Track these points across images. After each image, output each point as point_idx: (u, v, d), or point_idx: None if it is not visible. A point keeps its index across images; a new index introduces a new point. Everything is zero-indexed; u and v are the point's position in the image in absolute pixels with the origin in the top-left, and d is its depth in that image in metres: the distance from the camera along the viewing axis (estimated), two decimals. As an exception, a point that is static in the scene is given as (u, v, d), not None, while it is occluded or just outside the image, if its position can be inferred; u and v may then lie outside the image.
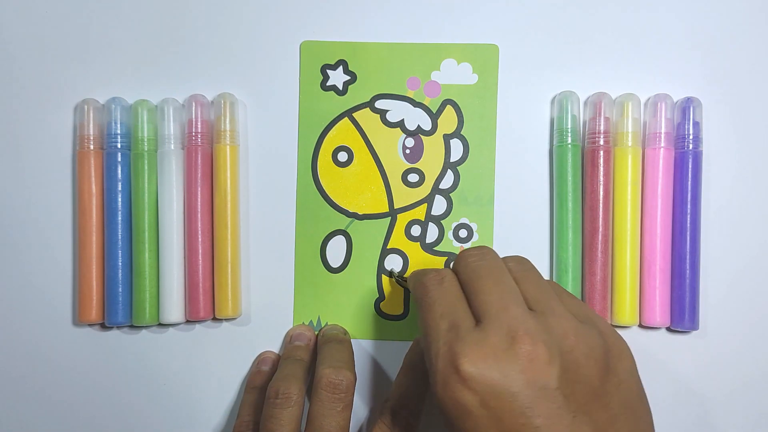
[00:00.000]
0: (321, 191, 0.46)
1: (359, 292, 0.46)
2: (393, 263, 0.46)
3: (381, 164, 0.46)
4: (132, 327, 0.46)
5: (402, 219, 0.46)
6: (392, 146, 0.46)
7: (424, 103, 0.46)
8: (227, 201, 0.44)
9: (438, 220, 0.46)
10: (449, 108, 0.46)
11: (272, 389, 0.40)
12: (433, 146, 0.46)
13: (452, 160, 0.46)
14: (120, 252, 0.44)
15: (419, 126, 0.46)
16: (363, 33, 0.46)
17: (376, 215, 0.46)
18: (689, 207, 0.44)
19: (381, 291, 0.46)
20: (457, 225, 0.46)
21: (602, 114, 0.44)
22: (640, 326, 0.45)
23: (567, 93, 0.45)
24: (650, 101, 0.45)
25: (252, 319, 0.46)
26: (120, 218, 0.44)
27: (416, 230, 0.46)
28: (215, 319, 0.46)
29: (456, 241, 0.46)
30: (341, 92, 0.46)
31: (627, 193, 0.44)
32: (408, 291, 0.46)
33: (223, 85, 0.46)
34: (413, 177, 0.46)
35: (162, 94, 0.46)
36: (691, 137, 0.44)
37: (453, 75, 0.46)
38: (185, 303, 0.45)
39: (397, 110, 0.46)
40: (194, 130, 0.45)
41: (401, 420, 0.40)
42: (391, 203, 0.46)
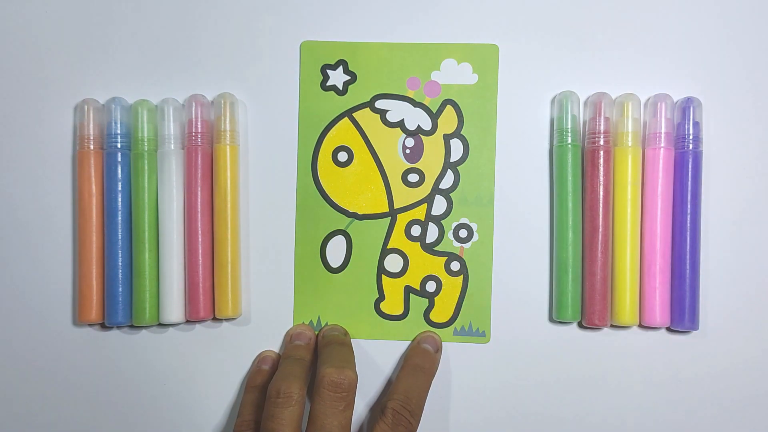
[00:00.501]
0: (321, 191, 0.46)
1: (359, 292, 0.46)
2: (393, 263, 0.46)
3: (381, 164, 0.46)
4: (132, 327, 0.46)
5: (402, 219, 0.46)
6: (392, 146, 0.46)
7: (424, 103, 0.46)
8: (227, 201, 0.44)
9: (438, 220, 0.46)
10: (449, 108, 0.46)
11: (273, 388, 0.40)
12: (433, 146, 0.46)
13: (452, 160, 0.46)
14: (120, 252, 0.44)
15: (419, 126, 0.46)
16: (363, 33, 0.46)
17: (376, 215, 0.46)
18: (689, 207, 0.44)
19: (381, 291, 0.46)
20: (457, 225, 0.46)
21: (602, 114, 0.44)
22: (640, 326, 0.45)
23: (567, 93, 0.45)
24: (650, 101, 0.45)
25: (252, 319, 0.46)
26: (120, 218, 0.44)
27: (416, 230, 0.46)
28: (215, 319, 0.46)
29: (456, 241, 0.46)
30: (341, 92, 0.46)
31: (627, 193, 0.44)
32: (411, 293, 0.46)
33: (223, 85, 0.46)
34: (413, 177, 0.46)
35: (162, 94, 0.46)
36: (691, 137, 0.44)
37: (453, 75, 0.46)
38: (185, 303, 0.45)
39: (397, 110, 0.46)
40: (194, 130, 0.45)
41: (402, 420, 0.40)
42: (391, 203, 0.46)
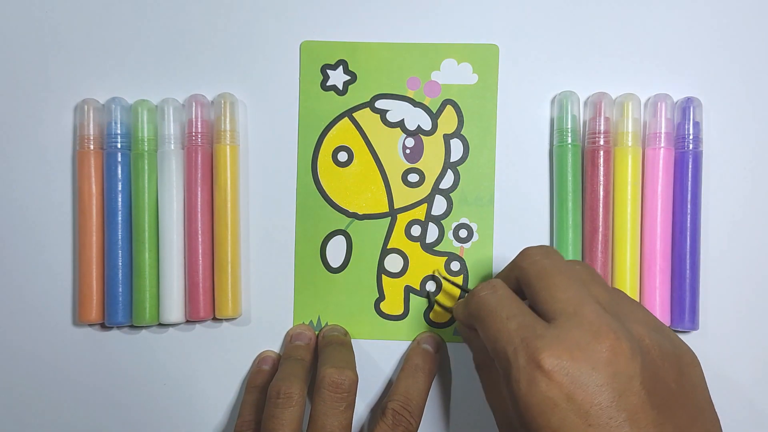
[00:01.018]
0: (321, 191, 0.46)
1: (359, 292, 0.46)
2: (393, 263, 0.46)
3: (381, 164, 0.46)
4: (132, 327, 0.46)
5: (402, 219, 0.46)
6: (392, 146, 0.46)
7: (424, 103, 0.46)
8: (227, 201, 0.44)
9: (438, 220, 0.46)
10: (449, 108, 0.46)
11: (274, 389, 0.40)
12: (433, 146, 0.46)
13: (452, 160, 0.46)
14: (120, 252, 0.44)
15: (419, 126, 0.46)
16: (363, 33, 0.46)
17: (376, 215, 0.46)
18: (689, 207, 0.44)
19: (381, 291, 0.46)
20: (457, 225, 0.46)
21: (602, 114, 0.44)
22: (640, 326, 0.45)
23: (567, 93, 0.45)
24: (650, 101, 0.45)
25: (252, 319, 0.46)
26: (120, 218, 0.44)
27: (416, 230, 0.46)
28: (215, 319, 0.46)
29: (456, 241, 0.46)
30: (341, 92, 0.46)
31: (627, 193, 0.44)
32: (411, 293, 0.46)
33: (223, 85, 0.46)
34: (413, 177, 0.46)
35: (162, 94, 0.46)
36: (691, 137, 0.44)
37: (453, 75, 0.46)
38: (185, 303, 0.45)
39: (397, 110, 0.46)
40: (194, 130, 0.45)
41: (402, 420, 0.40)
42: (391, 203, 0.46)
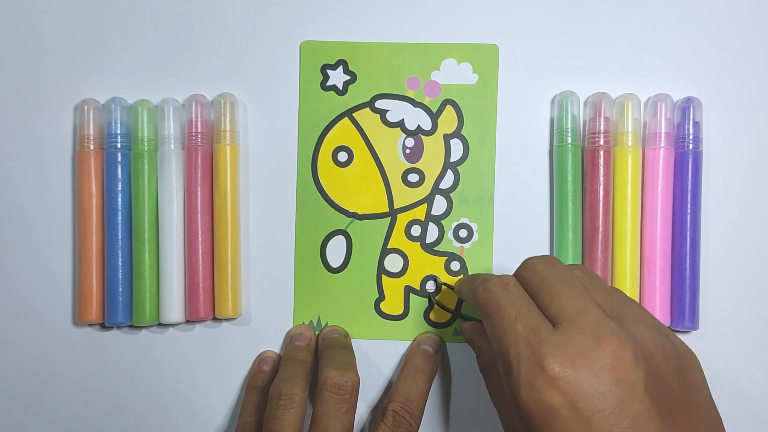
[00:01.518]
0: (321, 191, 0.46)
1: (359, 292, 0.46)
2: (393, 263, 0.46)
3: (381, 164, 0.46)
4: (132, 327, 0.46)
5: (402, 219, 0.46)
6: (392, 146, 0.46)
7: (424, 103, 0.46)
8: (227, 201, 0.44)
9: (438, 220, 0.46)
10: (449, 108, 0.46)
11: (275, 390, 0.40)
12: (433, 146, 0.46)
13: (452, 160, 0.46)
14: (120, 252, 0.44)
15: (419, 126, 0.46)
16: (363, 33, 0.46)
17: (376, 215, 0.46)
18: (689, 207, 0.44)
19: (381, 291, 0.46)
20: (457, 225, 0.46)
21: (602, 114, 0.44)
22: (640, 326, 0.45)
23: (567, 93, 0.45)
24: (650, 101, 0.45)
25: (252, 319, 0.46)
26: (120, 218, 0.44)
27: (416, 230, 0.46)
28: (215, 319, 0.46)
29: (456, 241, 0.46)
30: (341, 92, 0.46)
31: (627, 193, 0.44)
32: (411, 293, 0.46)
33: (223, 85, 0.46)
34: (413, 177, 0.46)
35: (162, 94, 0.46)
36: (691, 137, 0.44)
37: (453, 75, 0.46)
38: (185, 303, 0.45)
39: (397, 110, 0.46)
40: (194, 130, 0.45)
41: (402, 422, 0.40)
42: (391, 203, 0.46)
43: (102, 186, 0.45)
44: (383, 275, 0.46)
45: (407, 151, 0.46)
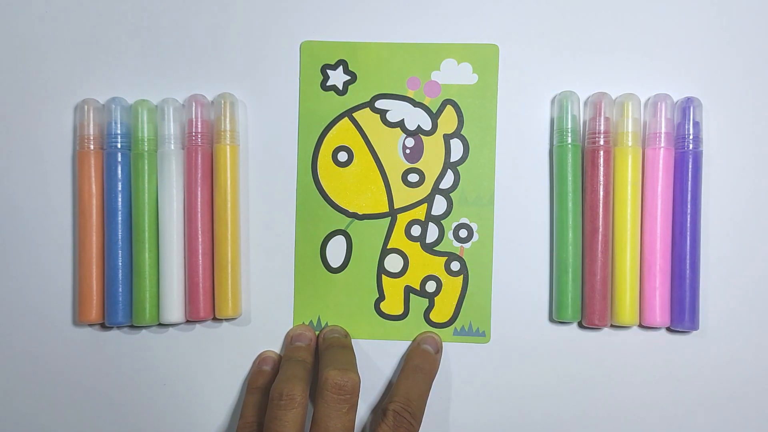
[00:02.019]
0: (321, 191, 0.46)
1: (359, 292, 0.46)
2: (393, 263, 0.46)
3: (381, 164, 0.46)
4: (132, 327, 0.46)
5: (402, 219, 0.46)
6: (392, 146, 0.46)
7: (424, 103, 0.46)
8: (227, 201, 0.44)
9: (438, 220, 0.46)
10: (449, 108, 0.46)
11: (276, 391, 0.40)
12: (433, 146, 0.46)
13: (452, 160, 0.46)
14: (120, 252, 0.44)
15: (419, 126, 0.46)
16: (363, 33, 0.46)
17: (376, 215, 0.46)
18: (689, 207, 0.44)
19: (381, 291, 0.46)
20: (457, 225, 0.46)
21: (602, 114, 0.44)
22: (640, 326, 0.45)
23: (567, 93, 0.45)
24: (650, 101, 0.45)
25: (252, 319, 0.46)
26: (120, 218, 0.44)
27: (416, 230, 0.46)
28: (215, 319, 0.46)
29: (456, 241, 0.46)
30: (341, 92, 0.46)
31: (627, 193, 0.44)
32: (411, 293, 0.46)
33: (223, 85, 0.46)
34: (413, 177, 0.46)
35: (162, 94, 0.46)
36: (691, 137, 0.44)
37: (453, 75, 0.46)
38: (185, 303, 0.45)
39: (397, 110, 0.46)
40: (194, 130, 0.45)
41: (403, 422, 0.40)
42: (391, 203, 0.46)
43: (102, 186, 0.45)
44: (383, 275, 0.46)
45: (407, 151, 0.46)
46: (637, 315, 0.44)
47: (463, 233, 0.46)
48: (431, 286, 0.46)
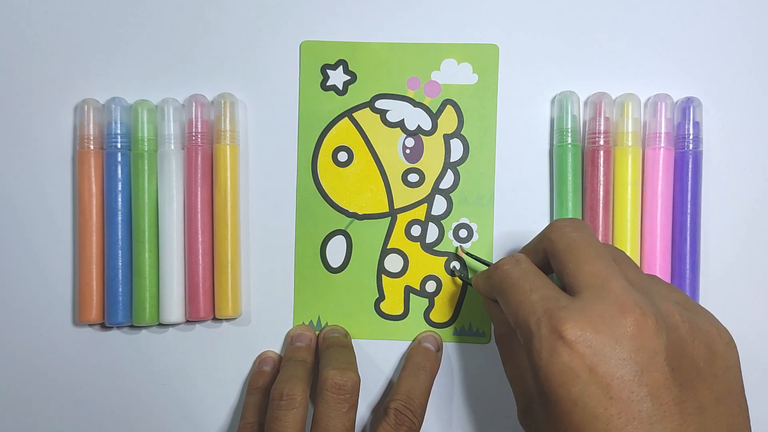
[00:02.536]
0: (321, 191, 0.46)
1: (359, 292, 0.46)
2: (393, 263, 0.46)
3: (381, 164, 0.46)
4: (132, 327, 0.46)
5: (402, 219, 0.46)
6: (392, 146, 0.46)
7: (424, 103, 0.46)
8: (227, 201, 0.44)
9: (438, 220, 0.46)
10: (449, 108, 0.46)
11: (276, 391, 0.40)
12: (433, 146, 0.46)
13: (452, 160, 0.46)
14: (120, 252, 0.44)
15: (419, 126, 0.46)
16: (363, 33, 0.46)
17: (376, 215, 0.46)
18: (689, 207, 0.44)
19: (381, 291, 0.46)
20: (457, 225, 0.46)
21: (602, 114, 0.44)
22: (640, 326, 0.45)
23: (567, 93, 0.45)
24: (650, 101, 0.45)
25: (252, 319, 0.46)
26: (120, 218, 0.44)
27: (416, 230, 0.46)
28: (215, 319, 0.46)
29: (456, 241, 0.46)
30: (341, 92, 0.46)
31: (627, 193, 0.44)
32: (411, 293, 0.46)
33: (223, 85, 0.46)
34: (413, 177, 0.46)
35: (162, 94, 0.46)
36: (691, 137, 0.44)
37: (453, 75, 0.46)
38: (185, 303, 0.45)
39: (397, 110, 0.46)
40: (194, 130, 0.45)
41: (405, 420, 0.40)
42: (391, 203, 0.46)
43: (102, 186, 0.45)
44: (383, 275, 0.46)
45: (407, 151, 0.46)
46: (637, 315, 0.44)
47: (463, 233, 0.46)
48: (431, 286, 0.46)
